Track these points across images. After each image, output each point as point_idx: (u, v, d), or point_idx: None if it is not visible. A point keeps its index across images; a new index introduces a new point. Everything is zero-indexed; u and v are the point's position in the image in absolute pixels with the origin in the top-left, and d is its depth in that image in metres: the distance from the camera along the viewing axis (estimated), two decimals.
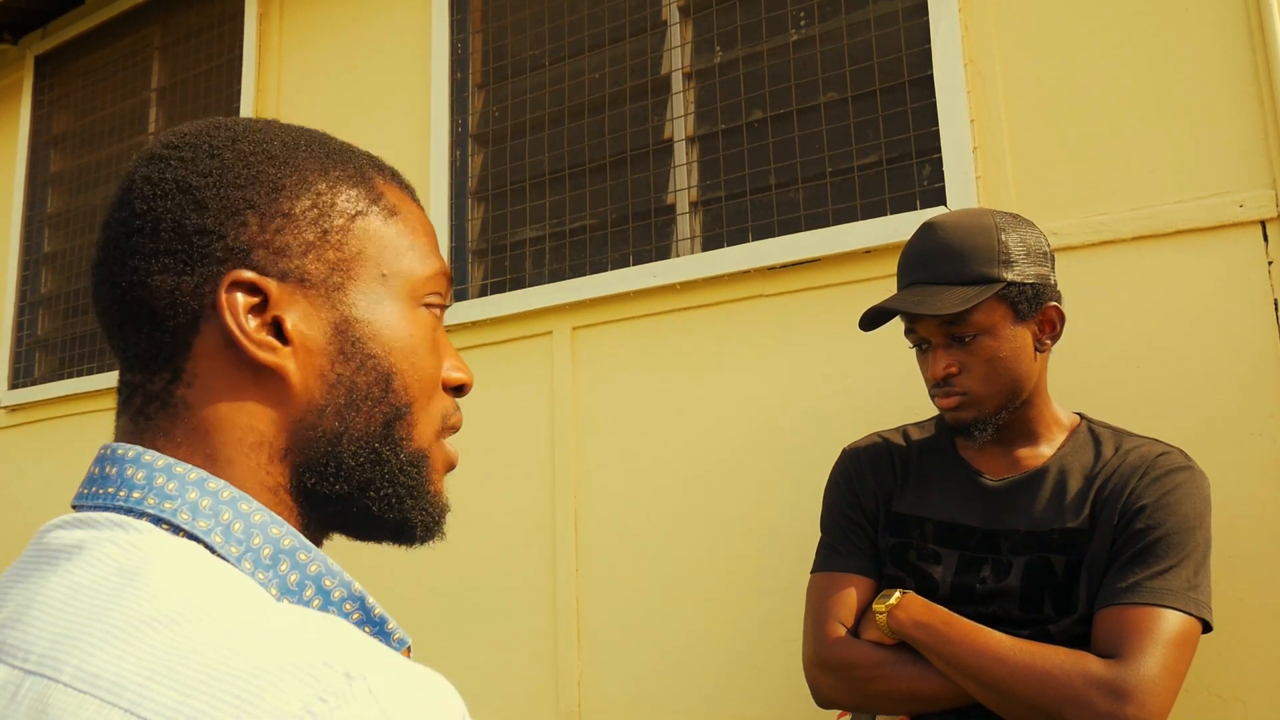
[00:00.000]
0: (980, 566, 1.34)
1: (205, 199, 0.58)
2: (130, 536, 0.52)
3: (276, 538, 0.56)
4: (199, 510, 0.55)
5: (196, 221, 0.58)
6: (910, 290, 1.34)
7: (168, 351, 0.58)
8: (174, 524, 0.54)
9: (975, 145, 1.81)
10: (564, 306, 2.26)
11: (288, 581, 0.56)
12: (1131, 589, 1.21)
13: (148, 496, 0.55)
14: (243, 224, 0.58)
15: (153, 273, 0.58)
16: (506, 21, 2.53)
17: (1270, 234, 1.55)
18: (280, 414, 0.59)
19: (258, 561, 0.55)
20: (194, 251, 0.58)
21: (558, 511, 2.20)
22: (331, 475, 0.60)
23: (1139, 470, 1.29)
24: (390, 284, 0.63)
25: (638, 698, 2.04)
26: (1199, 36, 1.64)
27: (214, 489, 0.56)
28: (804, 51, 2.06)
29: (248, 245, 0.58)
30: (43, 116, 3.61)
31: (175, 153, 0.60)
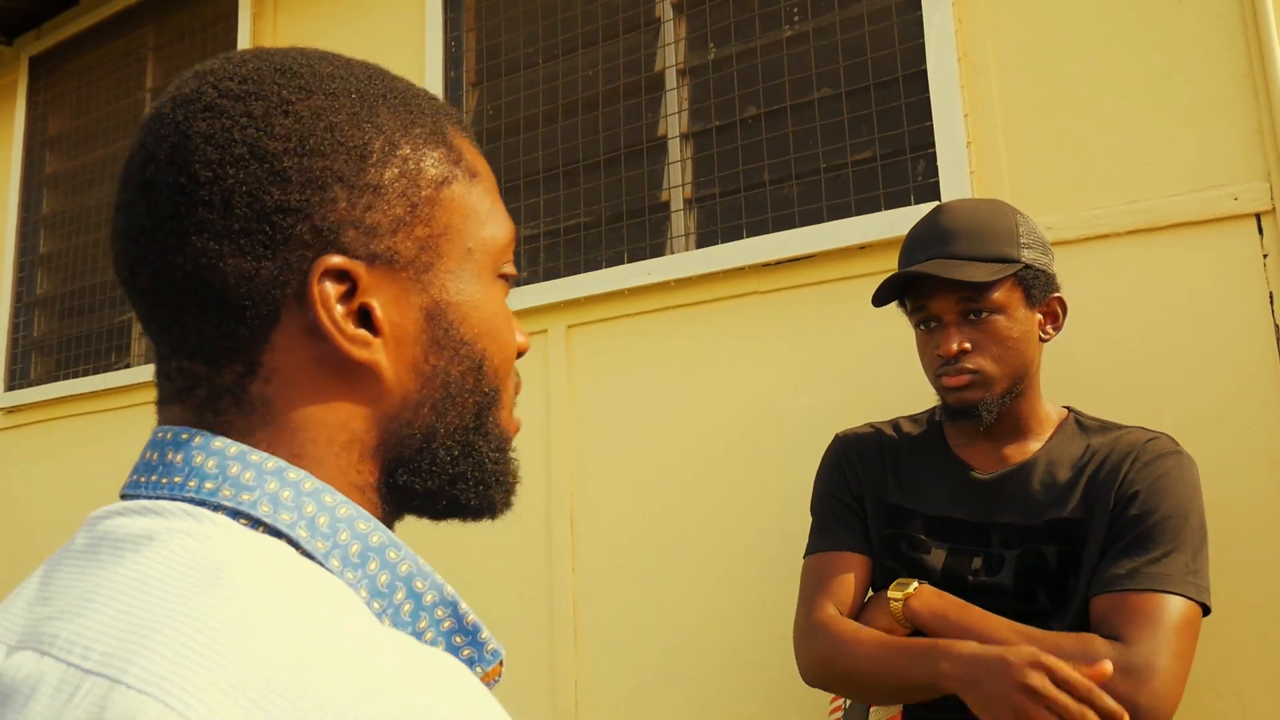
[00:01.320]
0: (970, 558, 1.34)
1: (286, 169, 0.50)
2: (207, 529, 0.47)
3: (365, 533, 0.51)
4: (280, 502, 0.49)
5: (278, 197, 0.50)
6: (931, 263, 1.32)
7: (242, 343, 0.51)
8: (253, 517, 0.49)
9: (969, 140, 1.80)
10: (559, 304, 2.26)
11: (378, 582, 0.51)
12: (1131, 575, 1.21)
13: (222, 487, 0.49)
14: (331, 200, 0.51)
15: (225, 255, 0.50)
16: (500, 19, 2.52)
17: (1265, 227, 1.55)
18: (372, 410, 0.54)
19: (346, 559, 0.50)
20: (276, 232, 0.50)
21: (554, 510, 2.20)
22: (425, 471, 0.56)
23: (1129, 455, 1.29)
24: (475, 258, 0.57)
25: (635, 696, 2.04)
26: (1193, 30, 1.64)
27: (295, 479, 0.50)
28: (797, 47, 2.06)
29: (337, 225, 0.51)
30: (37, 118, 3.60)
31: (240, 106, 0.52)
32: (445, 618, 0.53)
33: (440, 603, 0.53)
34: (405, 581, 0.52)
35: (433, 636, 0.52)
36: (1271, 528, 1.48)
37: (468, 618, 0.53)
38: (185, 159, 0.51)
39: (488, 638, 0.54)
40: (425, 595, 0.53)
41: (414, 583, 0.52)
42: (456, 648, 0.53)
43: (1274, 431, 1.50)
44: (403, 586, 0.52)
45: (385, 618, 0.50)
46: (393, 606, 0.51)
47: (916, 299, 1.36)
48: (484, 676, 0.53)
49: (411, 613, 0.52)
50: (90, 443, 3.18)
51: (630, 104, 2.27)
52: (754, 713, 1.89)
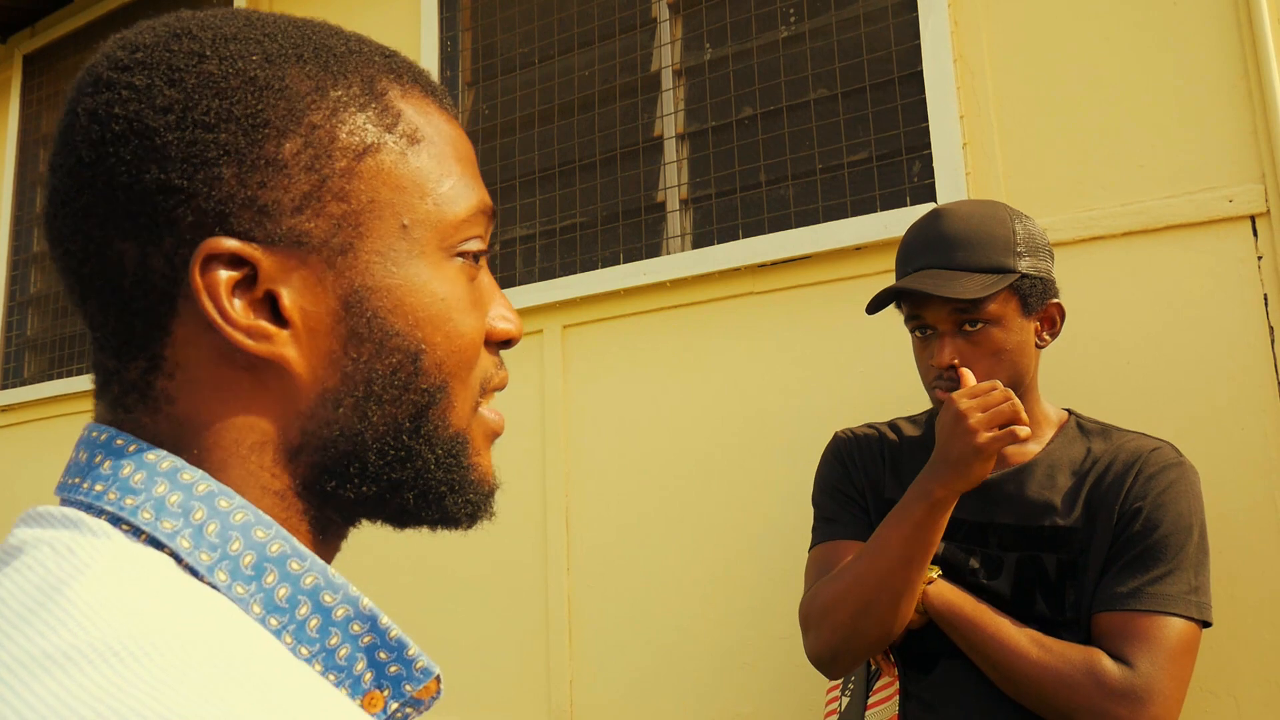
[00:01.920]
0: (967, 559, 1.33)
1: (166, 145, 0.45)
2: (75, 538, 0.42)
3: (262, 542, 0.46)
4: (164, 508, 0.44)
5: (158, 176, 0.45)
6: (923, 274, 1.31)
7: (141, 336, 0.47)
8: (134, 524, 0.44)
9: (965, 141, 1.80)
10: (554, 304, 2.25)
11: (275, 597, 0.45)
12: (1134, 595, 1.20)
13: (110, 490, 0.45)
14: (216, 178, 0.46)
15: (111, 240, 0.46)
16: (496, 19, 2.52)
17: (1259, 229, 1.55)
18: (285, 409, 0.48)
19: (236, 571, 0.45)
20: (158, 215, 0.45)
21: (549, 510, 2.20)
22: (355, 478, 0.50)
23: (1133, 467, 1.28)
24: (414, 236, 0.50)
25: (630, 696, 2.04)
26: (1188, 32, 1.64)
27: (187, 481, 0.45)
28: (793, 48, 2.06)
29: (224, 205, 0.46)
30: (31, 115, 3.59)
31: (126, 77, 0.47)
32: (364, 633, 0.48)
33: (355, 617, 0.48)
34: (310, 595, 0.47)
35: (349, 652, 0.47)
36: (1266, 529, 1.49)
37: (390, 633, 0.48)
38: (71, 139, 0.47)
39: (416, 654, 0.49)
40: (336, 609, 0.47)
41: (321, 596, 0.47)
42: (381, 664, 0.48)
43: (1268, 433, 1.50)
44: (307, 600, 0.46)
45: (286, 634, 0.46)
46: (294, 622, 0.46)
47: (911, 307, 1.35)
48: (416, 694, 0.49)
49: (319, 628, 0.47)
50: None
51: (626, 104, 2.27)
52: (749, 713, 1.89)
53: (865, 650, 1.29)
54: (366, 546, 1.98)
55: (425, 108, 0.53)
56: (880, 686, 1.40)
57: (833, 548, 1.40)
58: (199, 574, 0.44)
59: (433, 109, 0.53)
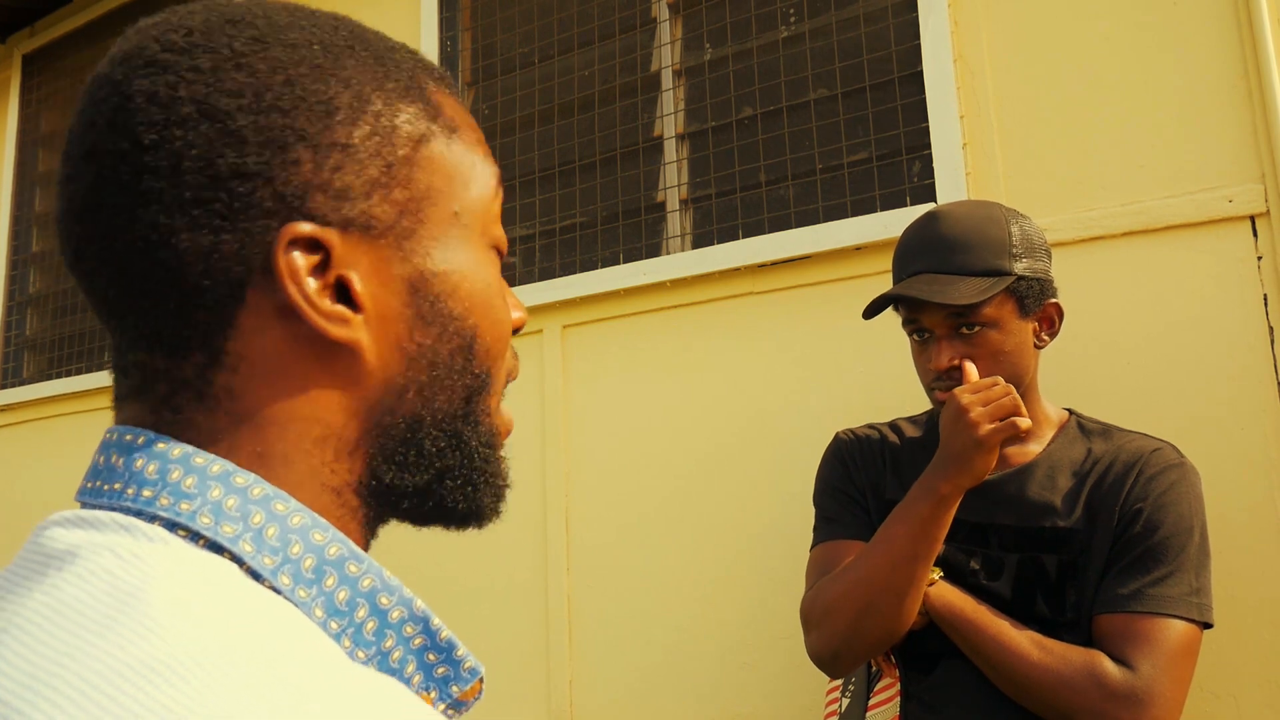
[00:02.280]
0: (968, 560, 1.33)
1: (241, 129, 0.45)
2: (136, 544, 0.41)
3: (321, 545, 0.45)
4: (223, 512, 0.44)
5: (233, 161, 0.45)
6: (919, 279, 1.31)
7: (203, 329, 0.46)
8: (192, 529, 0.43)
9: (965, 141, 1.80)
10: (554, 304, 2.25)
11: (335, 600, 0.45)
12: (1135, 596, 1.20)
13: (161, 495, 0.43)
14: (294, 161, 0.46)
15: (178, 229, 0.44)
16: (495, 19, 2.52)
17: (1259, 229, 1.55)
18: (352, 398, 0.48)
19: (298, 575, 0.44)
20: (233, 200, 0.45)
21: (549, 510, 2.20)
22: (411, 466, 0.50)
23: (1134, 468, 1.28)
24: (463, 223, 0.51)
25: (630, 696, 2.04)
26: (1188, 31, 1.64)
27: (242, 485, 0.45)
28: (793, 48, 2.06)
29: (302, 189, 0.46)
30: (30, 115, 3.59)
31: (186, 59, 0.46)
32: (415, 634, 0.48)
33: (409, 619, 0.48)
34: (368, 597, 0.47)
35: (401, 654, 0.48)
36: (1266, 529, 1.49)
37: (441, 634, 0.49)
38: (127, 122, 0.45)
39: (464, 655, 0.49)
40: (391, 612, 0.47)
41: (378, 598, 0.47)
42: (430, 665, 0.49)
43: (1268, 433, 1.50)
44: (365, 603, 0.47)
45: (345, 638, 0.46)
46: (353, 625, 0.46)
47: (909, 311, 1.35)
48: (462, 695, 0.49)
49: (375, 631, 0.47)
50: (83, 442, 3.17)
51: (626, 104, 2.27)
52: (749, 713, 1.89)
53: (868, 650, 1.29)
54: None
55: (454, 101, 0.54)
56: (881, 688, 1.40)
57: (834, 547, 1.40)
58: (262, 578, 0.43)
59: (454, 100, 0.55)
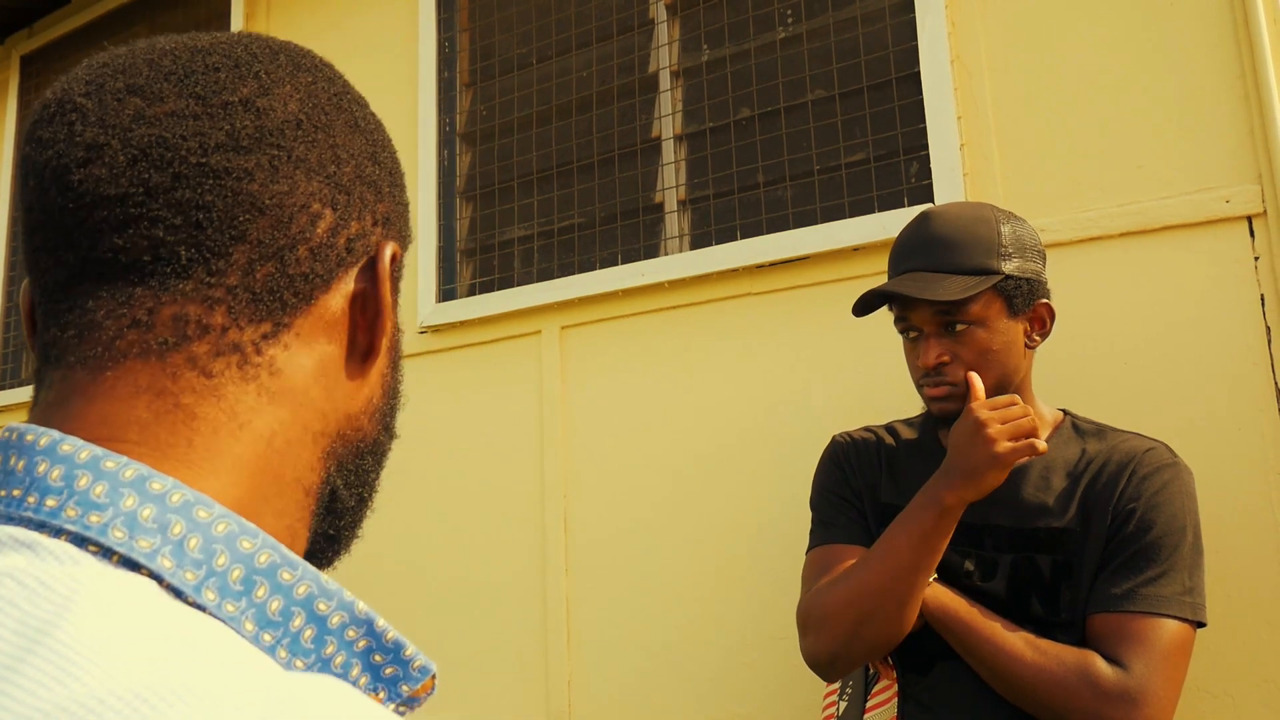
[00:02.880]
0: (962, 560, 1.34)
1: (378, 152, 0.54)
2: (43, 567, 0.37)
3: (249, 553, 0.43)
4: (138, 524, 0.40)
5: (372, 171, 0.52)
6: (907, 276, 1.33)
7: (287, 298, 0.48)
8: (104, 545, 0.39)
9: (962, 142, 1.81)
10: (552, 305, 2.26)
11: (268, 610, 0.43)
12: (1128, 596, 1.21)
13: (67, 505, 0.40)
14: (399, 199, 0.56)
15: (313, 202, 0.48)
16: (493, 20, 2.52)
17: (1256, 229, 1.55)
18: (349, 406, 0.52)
19: (224, 588, 0.42)
20: (366, 198, 0.51)
21: (547, 511, 2.20)
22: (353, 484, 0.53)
23: (1127, 467, 1.28)
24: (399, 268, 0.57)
25: (628, 697, 2.04)
26: (1185, 32, 1.64)
27: (159, 491, 0.41)
28: (791, 49, 2.06)
29: (388, 217, 0.54)
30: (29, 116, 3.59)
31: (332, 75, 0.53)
32: (359, 637, 0.47)
33: (351, 623, 0.47)
34: (304, 605, 0.45)
35: (344, 659, 0.47)
36: (1263, 529, 1.49)
37: (387, 635, 0.48)
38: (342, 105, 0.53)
39: (414, 654, 0.49)
40: (331, 617, 0.46)
41: (315, 605, 0.45)
42: (377, 666, 0.48)
43: (1265, 434, 1.51)
44: (301, 610, 0.45)
45: (281, 648, 0.44)
46: (289, 635, 0.45)
47: (899, 309, 1.37)
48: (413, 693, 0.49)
49: (314, 638, 0.46)
50: None
51: (624, 105, 2.27)
52: (748, 713, 1.89)
53: (864, 656, 1.30)
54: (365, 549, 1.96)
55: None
56: (878, 690, 1.40)
57: (829, 551, 1.40)
58: (185, 595, 0.41)
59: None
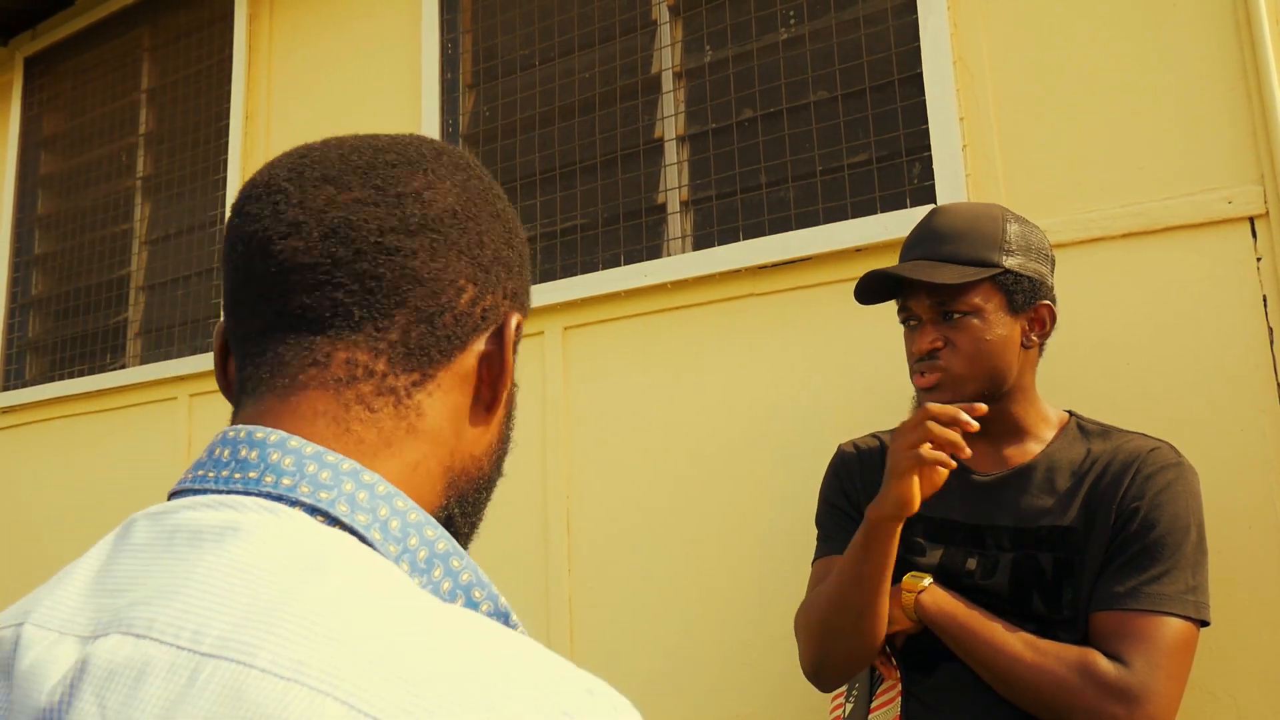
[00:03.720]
0: (964, 560, 1.34)
1: (511, 237, 0.63)
2: (290, 524, 0.48)
3: (432, 539, 0.53)
4: (356, 503, 0.51)
5: (507, 254, 0.63)
6: (907, 264, 1.36)
7: (434, 354, 0.58)
8: (331, 515, 0.50)
9: (965, 143, 1.81)
10: (555, 306, 2.26)
11: (440, 589, 0.53)
12: (1131, 594, 1.21)
13: (300, 484, 0.51)
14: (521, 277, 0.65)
15: (459, 278, 0.59)
16: (496, 21, 2.52)
17: (1258, 230, 1.55)
18: (474, 448, 0.61)
19: (414, 564, 0.52)
20: (500, 278, 0.62)
21: (550, 511, 2.20)
22: (470, 514, 0.62)
23: (1131, 466, 1.28)
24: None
25: (632, 697, 2.03)
26: (1187, 33, 1.64)
27: (369, 481, 0.52)
28: (793, 50, 2.06)
29: (516, 291, 0.64)
30: (33, 118, 3.60)
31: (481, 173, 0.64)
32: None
33: (495, 613, 0.55)
34: (465, 590, 0.54)
35: None
36: (1266, 530, 1.49)
37: (518, 629, 0.55)
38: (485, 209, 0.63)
39: None
40: (482, 605, 0.54)
41: (472, 592, 0.54)
42: None
43: (1267, 434, 1.51)
44: (462, 594, 0.54)
45: None
46: None
47: (901, 298, 1.39)
48: None
49: None
50: (85, 444, 3.18)
51: (627, 106, 2.27)
52: (751, 713, 1.89)
53: (842, 666, 1.33)
54: None
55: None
56: (883, 690, 1.41)
57: (826, 564, 1.43)
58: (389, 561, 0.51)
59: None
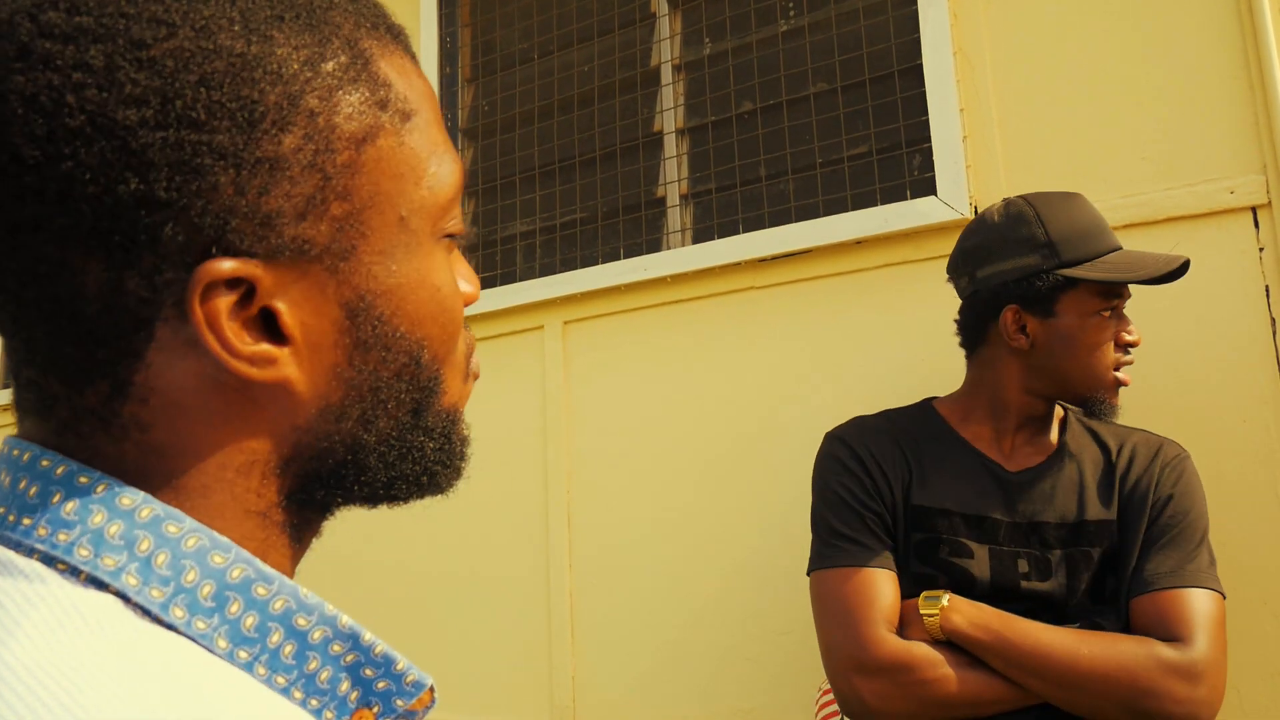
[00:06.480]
0: (1015, 561, 1.30)
1: (146, 148, 0.37)
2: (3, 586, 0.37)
3: (220, 569, 0.41)
4: (104, 540, 0.39)
5: (137, 187, 0.37)
6: (1126, 253, 1.32)
7: (104, 362, 0.41)
8: (70, 564, 0.38)
9: (965, 134, 1.80)
10: (555, 300, 2.25)
11: (242, 627, 0.41)
12: (1174, 573, 1.25)
13: (39, 524, 0.39)
14: (212, 187, 0.38)
15: (69, 260, 0.38)
16: (495, 15, 2.52)
17: (1261, 220, 1.55)
18: (280, 427, 0.44)
19: (194, 605, 0.40)
20: (138, 232, 0.38)
21: (550, 506, 2.20)
22: (353, 484, 0.47)
23: (1156, 459, 1.33)
24: (411, 227, 0.45)
25: (632, 692, 2.04)
26: (1189, 23, 1.63)
27: (128, 506, 0.40)
28: (793, 42, 2.06)
29: (221, 218, 0.39)
30: None
31: (72, 50, 0.37)
32: (345, 651, 0.45)
33: (335, 637, 0.44)
34: (281, 620, 0.42)
35: (331, 674, 0.44)
36: (1267, 521, 1.48)
37: (375, 649, 0.45)
38: (5, 132, 0.37)
39: (406, 667, 0.46)
40: (312, 632, 0.43)
41: (294, 620, 0.43)
42: (369, 680, 0.46)
43: (1269, 424, 1.50)
44: (279, 626, 0.42)
45: (260, 665, 0.42)
46: (267, 651, 0.42)
47: (1132, 285, 1.32)
48: (409, 706, 0.47)
49: (295, 654, 0.43)
50: None
51: (626, 99, 2.26)
52: (751, 708, 1.89)
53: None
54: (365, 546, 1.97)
55: (403, 66, 0.47)
56: None
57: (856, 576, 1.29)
58: (151, 613, 0.39)
59: (407, 64, 0.47)
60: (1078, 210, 1.33)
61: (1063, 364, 1.31)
